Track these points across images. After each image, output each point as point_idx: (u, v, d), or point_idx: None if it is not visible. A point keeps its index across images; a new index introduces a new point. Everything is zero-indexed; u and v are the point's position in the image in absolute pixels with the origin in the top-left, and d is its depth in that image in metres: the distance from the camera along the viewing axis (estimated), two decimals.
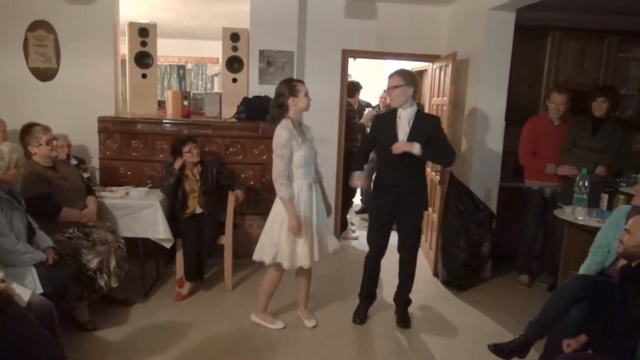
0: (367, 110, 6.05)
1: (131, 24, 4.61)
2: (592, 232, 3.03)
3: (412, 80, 3.26)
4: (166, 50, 5.54)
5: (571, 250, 3.42)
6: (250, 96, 4.59)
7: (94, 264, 3.14)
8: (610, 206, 3.38)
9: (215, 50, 7.04)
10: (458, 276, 4.13)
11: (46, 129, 3.31)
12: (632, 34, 4.65)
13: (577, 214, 3.30)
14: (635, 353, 2.04)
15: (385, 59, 5.81)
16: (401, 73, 3.27)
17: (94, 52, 4.50)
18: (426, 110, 5.34)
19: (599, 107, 3.86)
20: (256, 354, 3.05)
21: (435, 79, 4.87)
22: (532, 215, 4.22)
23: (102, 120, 4.27)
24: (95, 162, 4.39)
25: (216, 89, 7.03)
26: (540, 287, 4.25)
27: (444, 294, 4.11)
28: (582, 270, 2.73)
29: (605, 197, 3.42)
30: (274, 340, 3.21)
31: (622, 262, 2.50)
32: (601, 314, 2.36)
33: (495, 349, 2.69)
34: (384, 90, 6.47)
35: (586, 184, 3.32)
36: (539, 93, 4.64)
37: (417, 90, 3.32)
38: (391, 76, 3.28)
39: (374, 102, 6.57)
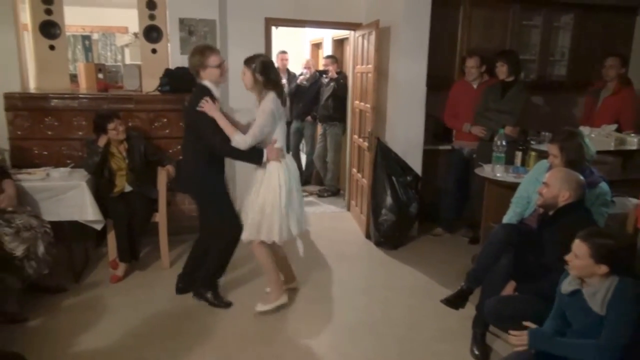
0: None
1: None
2: (510, 187, 3.33)
3: None
4: (68, 19, 5.11)
5: (491, 205, 3.75)
6: (172, 67, 4.40)
7: (19, 251, 2.93)
8: (524, 162, 3.71)
9: (123, 18, 6.61)
10: (389, 236, 4.36)
11: None
12: (532, 2, 5.02)
13: (496, 171, 3.60)
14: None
15: (307, 27, 5.81)
16: None
17: None
18: (350, 79, 5.47)
19: (500, 70, 4.17)
20: (204, 330, 3.03)
21: (359, 47, 4.97)
22: (453, 173, 4.54)
23: (8, 96, 3.89)
24: (4, 143, 4.01)
25: (128, 61, 6.61)
26: (462, 240, 4.61)
27: (377, 254, 4.32)
28: (505, 219, 2.98)
29: (519, 155, 3.75)
30: (219, 315, 3.21)
31: (540, 212, 2.78)
32: (525, 258, 2.63)
33: (447, 302, 2.87)
34: (307, 60, 6.53)
35: (504, 143, 3.62)
36: (454, 60, 4.90)
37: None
38: None
39: (296, 70, 6.54)
